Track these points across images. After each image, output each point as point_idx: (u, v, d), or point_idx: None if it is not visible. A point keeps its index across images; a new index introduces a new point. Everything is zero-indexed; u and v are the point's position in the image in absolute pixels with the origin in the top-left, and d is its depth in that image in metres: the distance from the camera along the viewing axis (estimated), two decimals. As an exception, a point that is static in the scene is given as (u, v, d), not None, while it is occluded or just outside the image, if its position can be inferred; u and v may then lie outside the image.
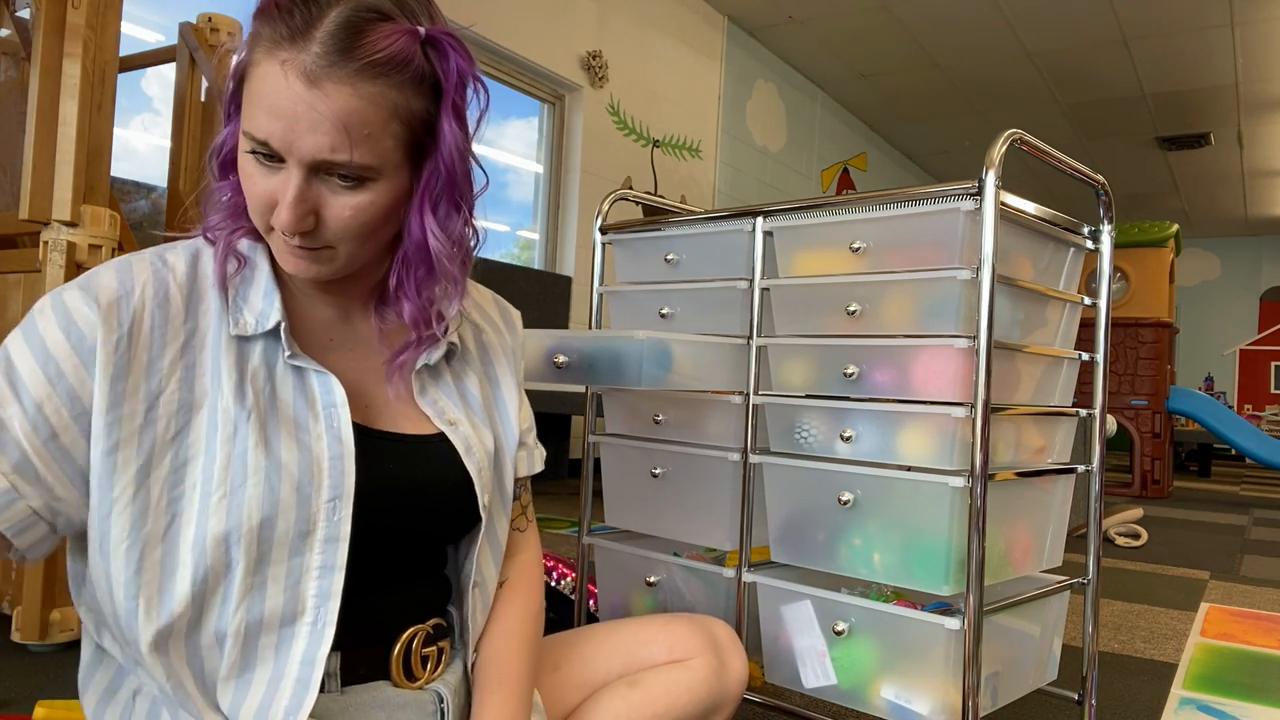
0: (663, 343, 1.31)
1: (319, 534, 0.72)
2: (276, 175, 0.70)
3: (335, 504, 0.73)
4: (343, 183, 0.70)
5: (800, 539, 1.36)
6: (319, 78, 0.67)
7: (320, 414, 0.75)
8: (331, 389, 0.76)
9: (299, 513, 0.71)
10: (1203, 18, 5.79)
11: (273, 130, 0.68)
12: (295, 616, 0.72)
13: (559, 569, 2.08)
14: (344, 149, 0.68)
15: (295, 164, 0.69)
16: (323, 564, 0.72)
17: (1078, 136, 8.23)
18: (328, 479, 0.73)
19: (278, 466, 0.71)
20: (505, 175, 5.23)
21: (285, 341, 0.75)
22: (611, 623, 1.02)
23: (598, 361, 1.33)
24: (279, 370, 0.75)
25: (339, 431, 0.74)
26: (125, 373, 0.69)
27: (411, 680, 0.79)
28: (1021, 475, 1.30)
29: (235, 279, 0.76)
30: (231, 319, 0.74)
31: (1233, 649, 2.23)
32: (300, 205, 0.70)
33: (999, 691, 1.31)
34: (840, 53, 6.83)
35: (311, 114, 0.67)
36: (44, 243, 1.75)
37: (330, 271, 0.75)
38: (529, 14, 4.90)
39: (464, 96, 0.75)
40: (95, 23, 1.79)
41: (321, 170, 0.70)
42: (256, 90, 0.69)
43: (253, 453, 0.70)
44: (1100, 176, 1.41)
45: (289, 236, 0.71)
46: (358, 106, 0.68)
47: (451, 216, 0.77)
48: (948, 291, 1.23)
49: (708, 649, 0.97)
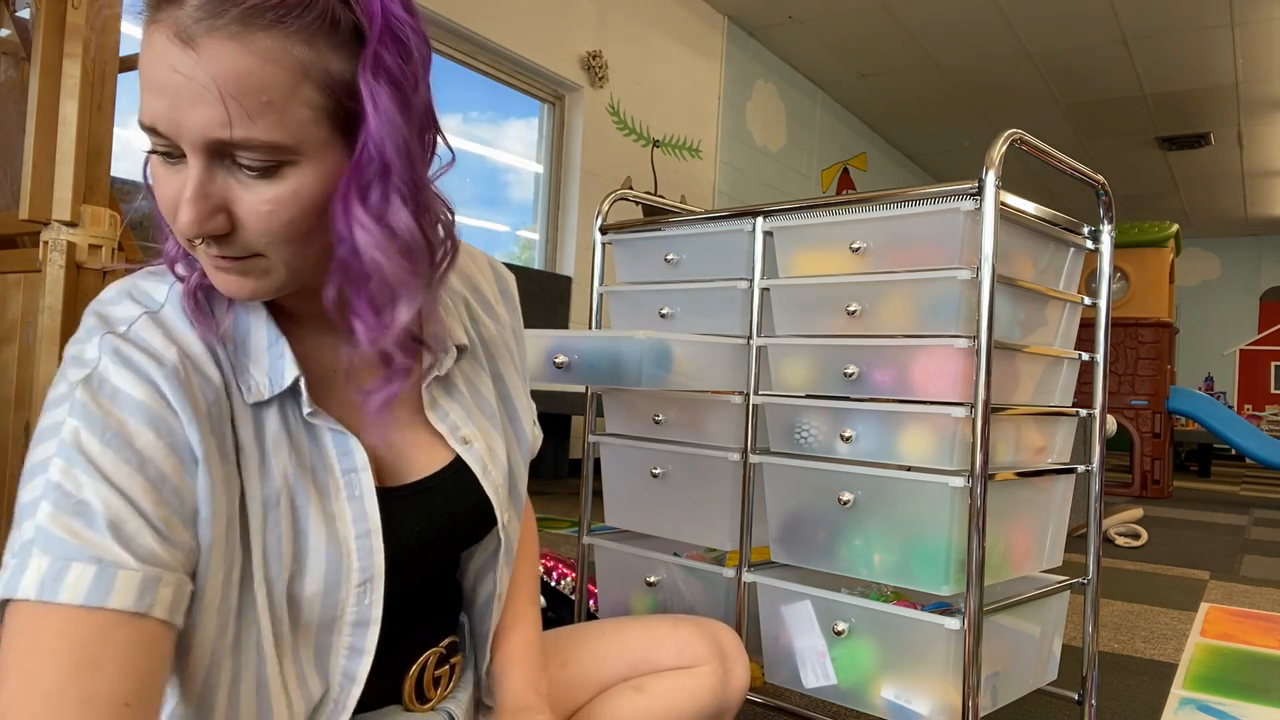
0: (663, 343, 1.31)
1: (348, 618, 0.66)
2: (181, 173, 0.58)
3: (366, 588, 0.66)
4: (251, 171, 0.57)
5: (800, 539, 1.36)
6: (195, 36, 0.53)
7: (340, 481, 0.66)
8: (350, 451, 0.67)
9: (325, 599, 0.65)
10: (1203, 18, 5.79)
11: (157, 111, 0.55)
12: (324, 695, 0.68)
13: (559, 569, 2.08)
14: (240, 122, 0.54)
15: (190, 149, 0.56)
16: (351, 645, 0.67)
17: (1078, 136, 8.23)
18: (356, 561, 0.66)
19: (305, 555, 0.63)
20: (505, 175, 5.23)
21: (306, 399, 0.65)
22: (619, 621, 1.01)
23: (598, 361, 1.33)
24: (294, 432, 0.65)
25: (363, 504, 0.66)
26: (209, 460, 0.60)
27: (423, 703, 0.78)
28: (1021, 475, 1.30)
29: (226, 324, 0.64)
30: (241, 385, 0.63)
31: (1233, 649, 2.23)
32: (201, 202, 0.56)
33: (999, 691, 1.31)
34: (840, 53, 6.83)
35: (191, 84, 0.54)
36: (44, 243, 1.75)
37: (271, 287, 0.62)
38: (529, 14, 4.90)
39: (394, 46, 0.59)
40: (95, 23, 1.79)
41: (224, 155, 0.57)
42: (141, 68, 0.56)
43: (285, 541, 0.63)
44: (1100, 176, 1.41)
45: (205, 244, 0.59)
46: (249, 66, 0.54)
47: (392, 205, 0.60)
48: (948, 291, 1.23)
49: (714, 656, 0.96)
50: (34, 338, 1.79)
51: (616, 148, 5.61)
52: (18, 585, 0.51)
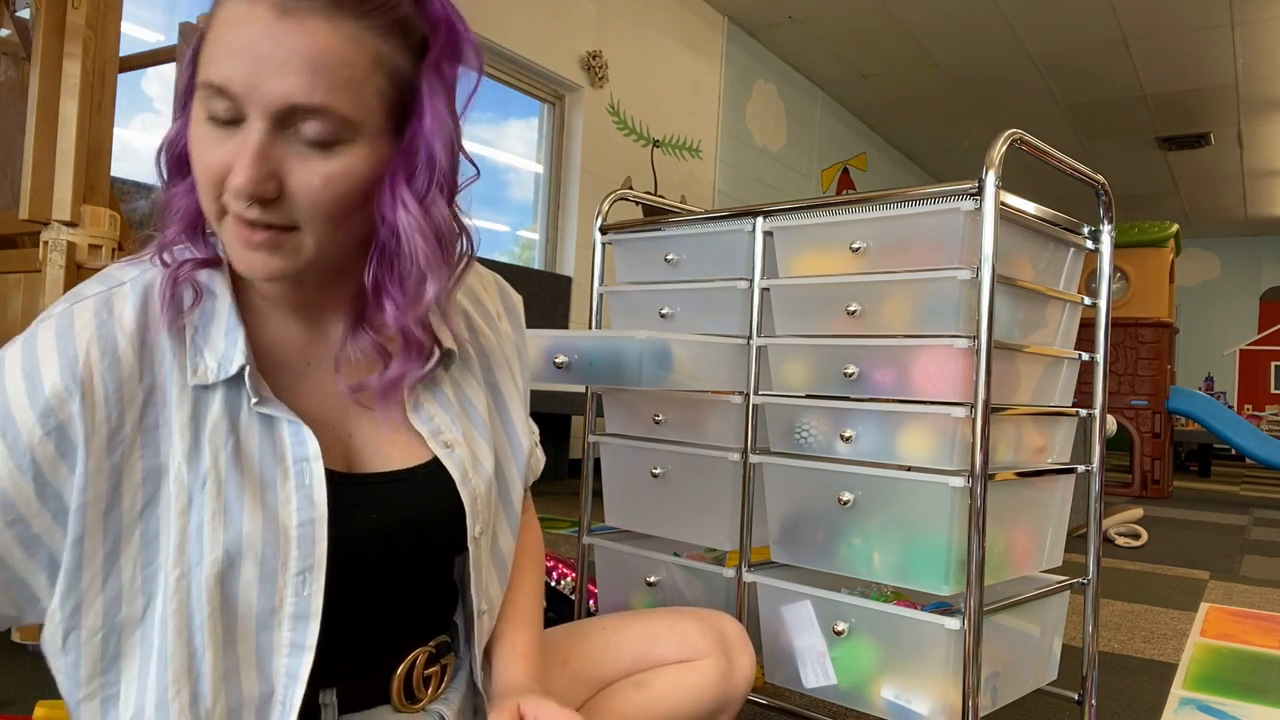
0: (663, 343, 1.31)
1: (286, 609, 0.65)
2: (233, 139, 0.60)
3: (305, 577, 0.65)
4: (312, 144, 0.60)
5: (800, 539, 1.36)
6: (291, 9, 0.58)
7: (290, 470, 0.66)
8: (304, 440, 0.67)
9: (262, 588, 0.64)
10: (1203, 18, 5.79)
11: (234, 72, 0.58)
12: (270, 696, 0.65)
13: (559, 569, 2.08)
14: (320, 91, 0.58)
15: (258, 114, 0.59)
16: (292, 642, 0.65)
17: (1078, 136, 8.23)
18: (295, 550, 0.65)
19: (238, 540, 0.63)
20: (505, 175, 5.23)
21: (250, 388, 0.65)
22: (620, 617, 1.00)
23: (598, 361, 1.33)
24: (244, 420, 0.66)
25: (310, 492, 0.66)
26: (86, 455, 0.61)
27: (413, 703, 0.76)
28: (1021, 475, 1.30)
29: (193, 315, 0.66)
30: (190, 366, 0.65)
31: (1233, 649, 2.23)
32: (260, 164, 0.59)
33: (999, 691, 1.31)
34: (840, 53, 6.83)
35: (280, 50, 0.58)
36: (44, 243, 1.75)
37: (295, 267, 0.64)
38: (529, 14, 4.90)
39: (453, 59, 0.66)
40: (95, 23, 1.79)
41: (289, 124, 0.60)
42: (219, 34, 0.59)
43: (209, 526, 0.62)
44: (1100, 176, 1.41)
45: (245, 209, 0.60)
46: (337, 44, 0.59)
47: (432, 194, 0.66)
48: (948, 291, 1.23)
49: (716, 649, 0.95)
50: (34, 338, 1.79)
51: (616, 148, 5.61)
52: None
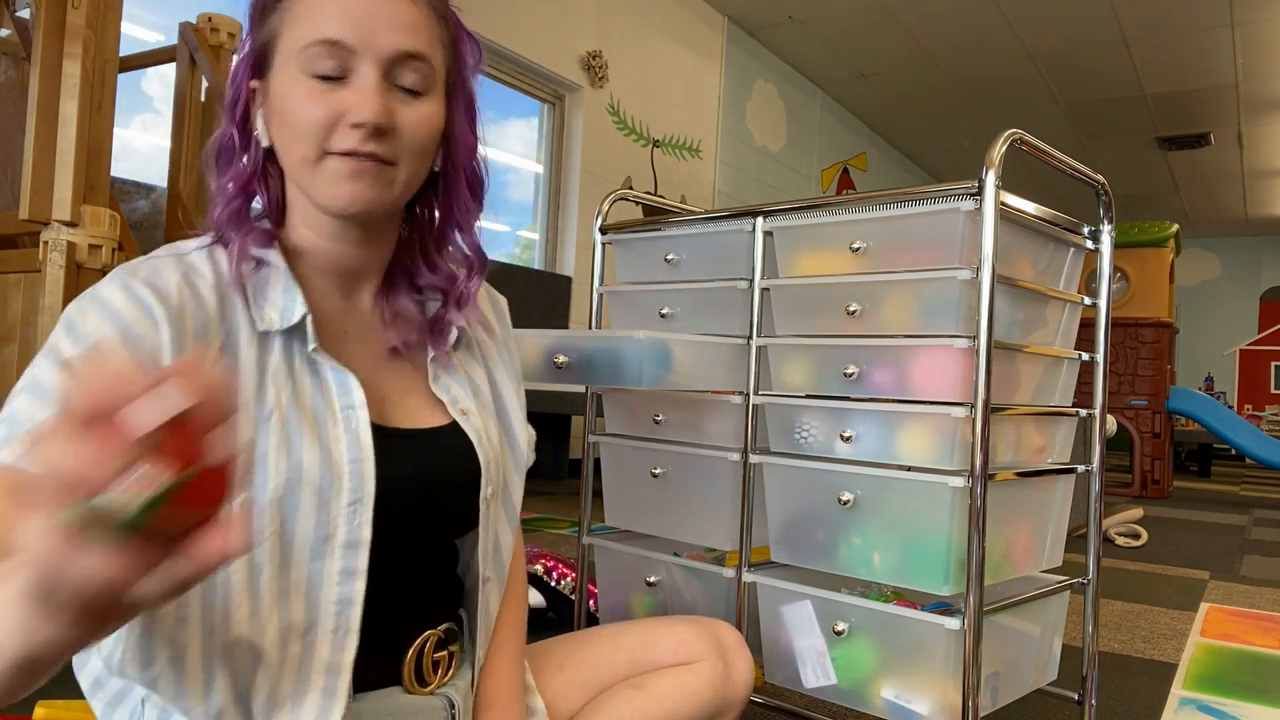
0: (663, 343, 1.31)
1: (339, 538, 0.71)
2: (339, 90, 0.71)
3: (355, 508, 0.71)
4: (407, 92, 0.73)
5: (800, 539, 1.36)
6: None
7: (339, 415, 0.73)
8: (350, 390, 0.74)
9: (319, 517, 0.70)
10: (1203, 18, 5.79)
11: (348, 28, 0.70)
12: (316, 623, 0.71)
13: (559, 569, 2.08)
14: (421, 42, 0.73)
15: (371, 63, 0.71)
16: (344, 569, 0.71)
17: (1078, 136, 8.23)
18: (348, 482, 0.72)
19: (298, 469, 0.70)
20: (505, 175, 5.23)
21: (311, 334, 0.74)
22: (616, 625, 1.01)
23: (598, 361, 1.33)
24: (298, 367, 0.74)
25: (358, 434, 0.73)
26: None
27: (423, 685, 0.79)
28: (1021, 475, 1.30)
29: (252, 278, 0.75)
30: (256, 315, 0.73)
31: (1233, 649, 2.23)
32: (383, 99, 0.71)
33: (999, 691, 1.31)
34: (840, 53, 6.83)
35: (386, 11, 0.71)
36: (44, 243, 1.75)
37: (387, 200, 0.75)
38: (529, 14, 4.90)
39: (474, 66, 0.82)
40: (95, 23, 1.79)
41: (391, 73, 0.72)
42: (316, 7, 0.71)
43: (273, 455, 0.69)
44: (1100, 176, 1.41)
45: (362, 143, 0.71)
46: (425, 15, 0.74)
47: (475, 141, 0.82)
48: (948, 291, 1.23)
49: (713, 652, 0.96)
50: (34, 338, 1.79)
51: (616, 148, 5.61)
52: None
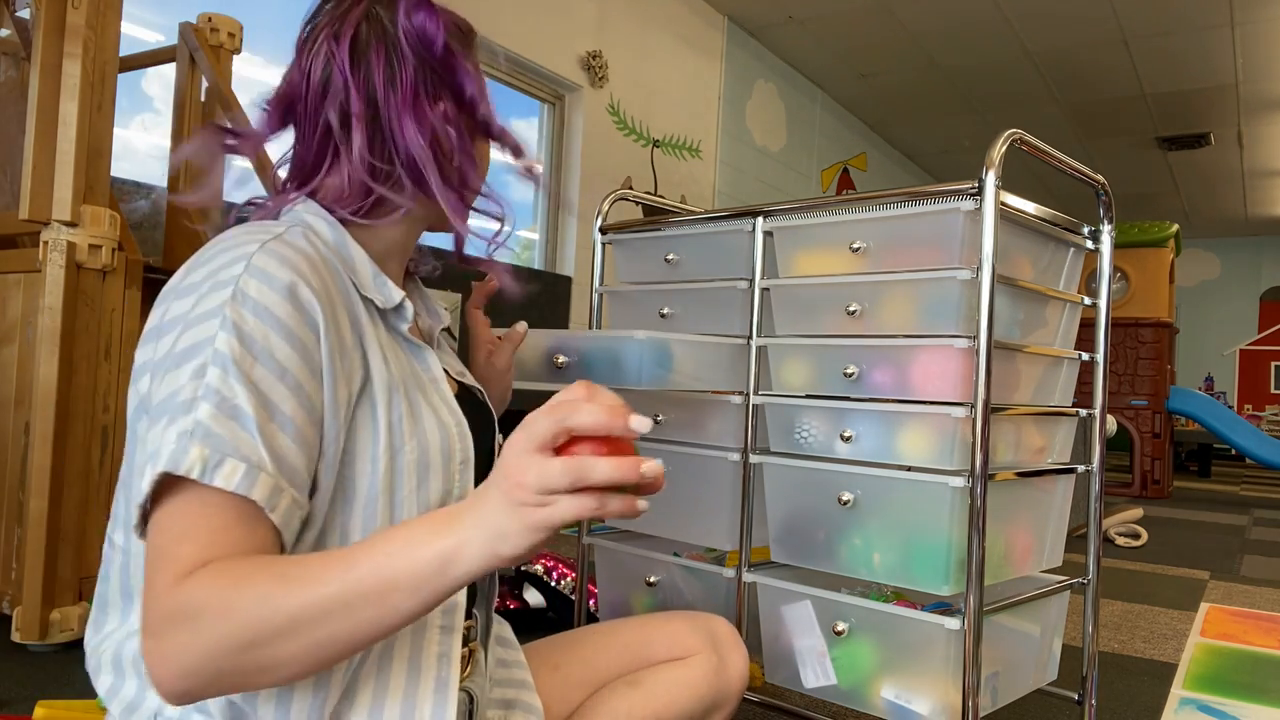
0: (663, 342, 1.31)
1: (456, 494, 0.77)
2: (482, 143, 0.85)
3: (464, 466, 0.78)
4: None
5: (800, 539, 1.36)
6: None
7: (430, 386, 0.79)
8: (430, 364, 0.81)
9: (444, 473, 0.76)
10: (1203, 18, 5.79)
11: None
12: (425, 623, 0.73)
13: (559, 569, 2.08)
14: None
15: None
16: None
17: (1078, 136, 8.23)
18: (459, 443, 0.78)
19: (424, 434, 0.75)
20: (506, 175, 5.22)
21: (409, 314, 0.79)
22: (611, 622, 1.02)
23: (597, 361, 1.33)
24: (396, 343, 0.79)
25: (449, 402, 0.80)
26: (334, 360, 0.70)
27: None
28: (1021, 475, 1.30)
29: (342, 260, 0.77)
30: (370, 294, 0.77)
31: (1233, 649, 2.23)
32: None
33: (999, 691, 1.31)
34: (840, 53, 6.83)
35: None
36: (44, 243, 1.75)
37: None
38: (529, 14, 4.90)
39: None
40: (95, 23, 1.79)
41: None
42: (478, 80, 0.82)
43: (406, 420, 0.74)
44: (1100, 176, 1.41)
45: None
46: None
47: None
48: (948, 291, 1.23)
49: (708, 646, 0.97)
50: (34, 338, 1.79)
51: (616, 148, 5.60)
52: (180, 464, 0.61)
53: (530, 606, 2.07)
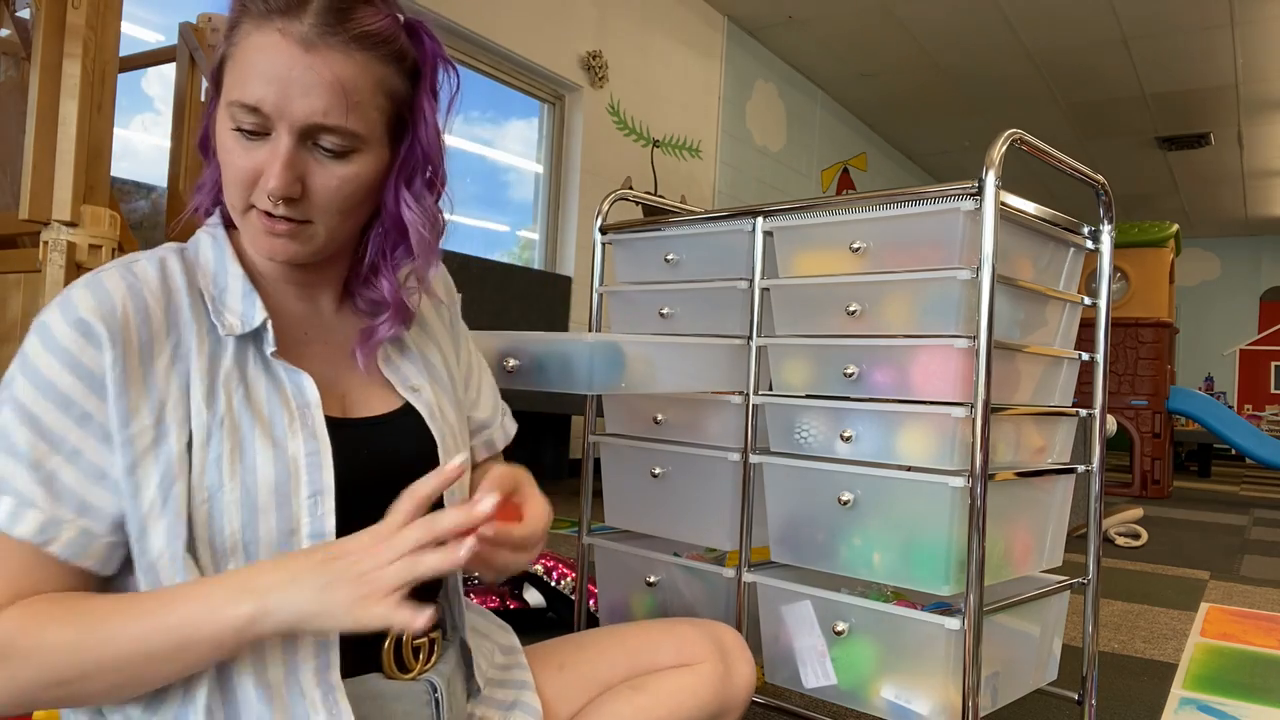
0: (613, 345, 1.26)
1: (304, 531, 0.72)
2: (260, 148, 0.72)
3: (316, 499, 0.73)
4: (328, 153, 0.73)
5: (800, 539, 1.36)
6: (315, 44, 0.70)
7: (295, 413, 0.75)
8: (304, 389, 0.76)
9: (280, 513, 0.72)
10: (1203, 18, 5.79)
11: (266, 94, 0.70)
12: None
13: (559, 569, 2.08)
14: (337, 113, 0.71)
15: (285, 130, 0.71)
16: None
17: (1078, 136, 8.23)
18: (305, 475, 0.73)
19: (253, 470, 0.71)
20: (505, 175, 5.23)
21: (270, 339, 0.75)
22: (617, 626, 1.01)
23: (547, 365, 1.28)
24: (251, 371, 0.75)
25: (314, 429, 0.75)
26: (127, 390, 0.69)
27: (404, 672, 0.79)
28: (1021, 475, 1.30)
29: (208, 283, 0.76)
30: (216, 320, 0.75)
31: (1233, 649, 2.23)
32: (290, 170, 0.71)
33: (999, 691, 1.31)
34: (840, 53, 6.83)
35: (307, 76, 0.70)
36: (44, 243, 1.75)
37: (308, 252, 0.76)
38: (529, 14, 4.90)
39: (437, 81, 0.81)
40: (95, 23, 1.79)
41: (310, 138, 0.72)
42: (248, 58, 0.71)
43: (228, 459, 0.70)
44: (1100, 176, 1.41)
45: (274, 206, 0.72)
46: (351, 73, 0.71)
47: (425, 194, 0.81)
48: (948, 291, 1.23)
49: (714, 654, 0.96)
50: (34, 338, 1.79)
51: (616, 148, 5.60)
52: None
53: (530, 606, 2.07)
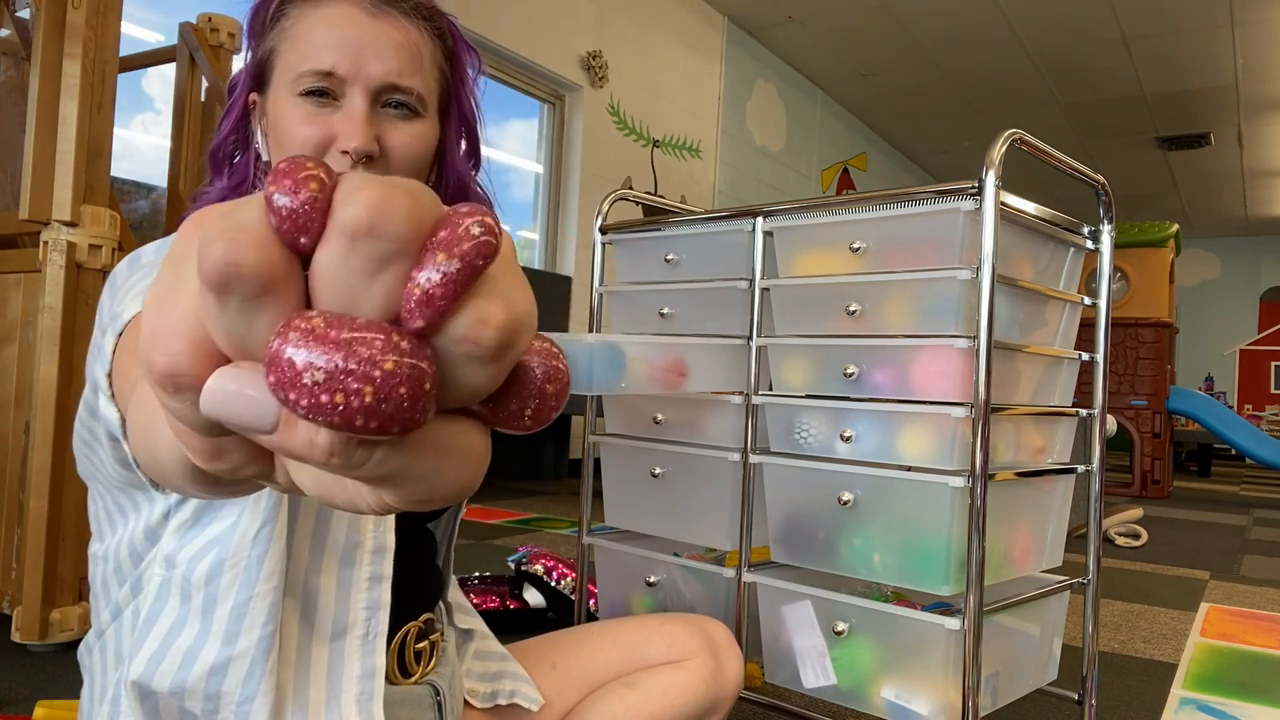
0: (613, 346, 1.25)
1: (367, 544, 0.73)
2: (331, 115, 0.73)
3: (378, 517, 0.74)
4: (399, 113, 0.75)
5: (800, 539, 1.36)
6: (380, 12, 0.74)
7: None
8: None
9: (351, 523, 0.73)
10: (1203, 18, 5.79)
11: (340, 59, 0.72)
12: (345, 630, 0.72)
13: (559, 569, 2.08)
14: (410, 72, 0.74)
15: (360, 92, 0.73)
16: (371, 575, 0.73)
17: (1078, 136, 8.23)
18: None
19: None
20: (505, 175, 5.23)
21: None
22: (609, 622, 1.02)
23: None
24: None
25: None
26: None
27: (406, 676, 0.80)
28: (1021, 475, 1.30)
29: None
30: None
31: (1233, 649, 2.23)
32: (370, 128, 0.73)
33: (999, 691, 1.31)
34: (840, 53, 6.83)
35: (380, 40, 0.73)
36: (44, 243, 1.75)
37: None
38: (529, 14, 4.90)
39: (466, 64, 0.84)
40: (95, 23, 1.79)
41: (381, 99, 0.74)
42: (311, 33, 0.73)
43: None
44: (1100, 176, 1.41)
45: (353, 166, 0.73)
46: (415, 39, 0.76)
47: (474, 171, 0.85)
48: (948, 291, 1.23)
49: (704, 649, 0.97)
50: (34, 338, 1.79)
51: (616, 148, 5.60)
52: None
53: (530, 606, 2.07)
